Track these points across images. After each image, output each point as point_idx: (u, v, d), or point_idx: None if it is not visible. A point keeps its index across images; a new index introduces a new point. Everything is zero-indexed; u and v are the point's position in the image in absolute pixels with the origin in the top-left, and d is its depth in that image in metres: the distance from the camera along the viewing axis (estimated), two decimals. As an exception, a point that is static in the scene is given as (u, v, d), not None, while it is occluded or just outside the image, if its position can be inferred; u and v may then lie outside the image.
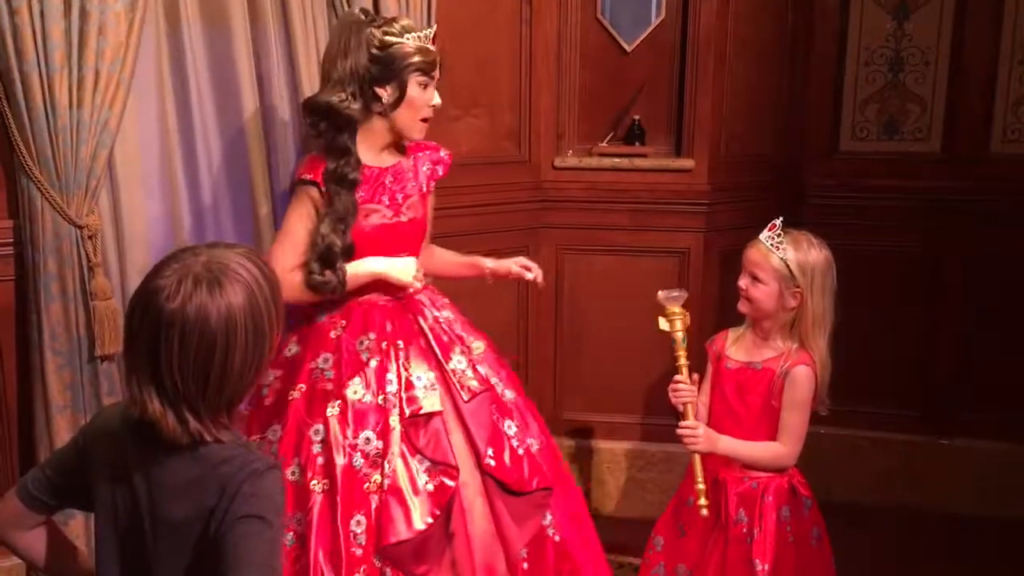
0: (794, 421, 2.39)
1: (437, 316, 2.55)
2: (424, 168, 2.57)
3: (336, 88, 2.38)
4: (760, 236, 2.40)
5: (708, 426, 2.41)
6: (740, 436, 2.41)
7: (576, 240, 3.59)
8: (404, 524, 2.29)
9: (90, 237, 2.56)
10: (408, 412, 2.37)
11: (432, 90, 2.46)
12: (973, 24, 3.55)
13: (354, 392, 2.36)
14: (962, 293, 3.66)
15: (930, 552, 3.43)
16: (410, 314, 2.51)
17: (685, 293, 2.43)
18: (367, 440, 2.33)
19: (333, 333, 2.44)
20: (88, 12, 2.44)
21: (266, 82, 2.83)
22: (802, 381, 2.37)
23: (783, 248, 2.36)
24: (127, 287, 2.65)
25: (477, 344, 2.56)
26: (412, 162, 2.56)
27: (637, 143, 3.52)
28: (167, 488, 1.50)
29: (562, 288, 3.64)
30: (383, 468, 2.32)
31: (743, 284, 2.42)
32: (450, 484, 2.34)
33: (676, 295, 2.41)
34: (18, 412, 2.65)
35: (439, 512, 2.32)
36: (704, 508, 2.28)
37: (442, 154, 2.63)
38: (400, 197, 2.50)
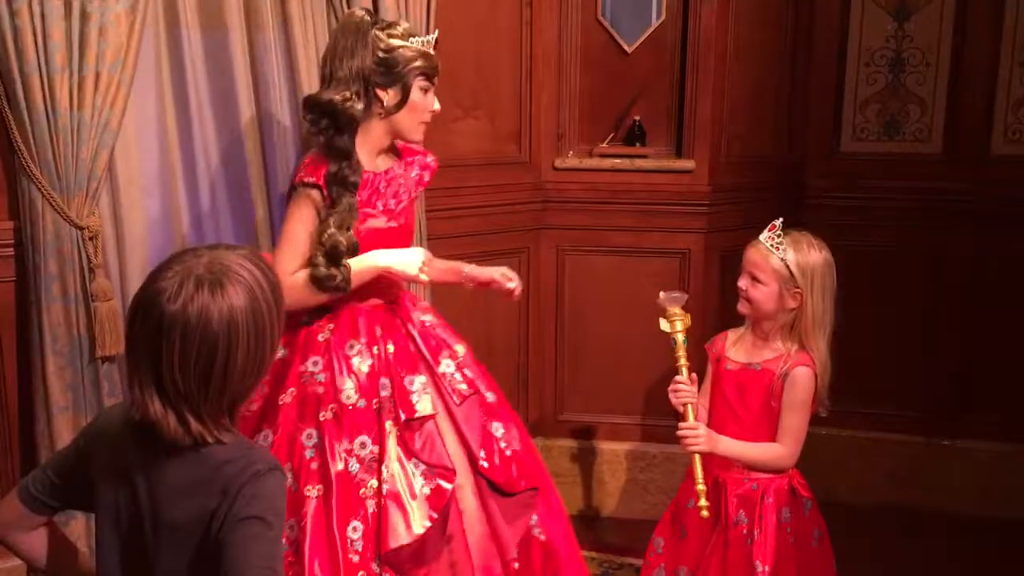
0: (794, 422, 2.39)
1: (423, 320, 2.56)
2: (413, 173, 2.56)
3: (340, 87, 2.35)
4: (760, 237, 2.40)
5: (708, 427, 2.41)
6: (740, 437, 2.41)
7: (577, 241, 3.59)
8: (404, 529, 2.29)
9: (91, 238, 2.56)
10: (404, 417, 2.37)
11: (432, 95, 2.45)
12: (974, 25, 3.55)
13: (348, 396, 2.35)
14: (963, 294, 3.66)
15: (931, 553, 3.42)
16: (398, 319, 2.50)
17: (685, 295, 2.43)
18: (362, 445, 2.33)
19: (321, 336, 2.41)
20: (89, 14, 2.44)
21: (264, 84, 2.82)
22: (802, 382, 2.37)
23: (783, 249, 2.36)
24: (127, 288, 2.66)
25: (459, 347, 2.57)
26: (403, 167, 2.54)
27: (638, 144, 3.52)
28: (168, 489, 1.50)
29: (563, 289, 3.64)
30: (380, 473, 2.31)
31: (743, 285, 2.42)
32: (447, 487, 2.35)
33: (676, 296, 2.41)
34: (19, 413, 2.65)
35: (436, 515, 2.32)
36: (704, 509, 2.28)
37: (429, 160, 2.62)
38: (393, 203, 2.49)
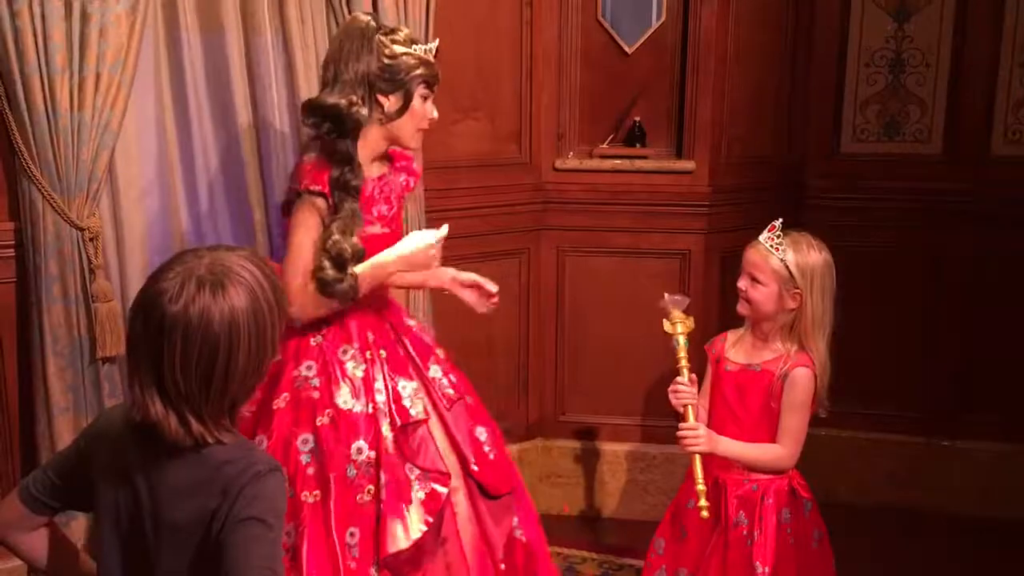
0: (793, 423, 2.39)
1: (410, 325, 2.58)
2: (400, 179, 2.55)
3: (345, 91, 2.33)
4: (759, 238, 2.40)
5: (708, 428, 2.41)
6: (739, 438, 2.41)
7: (577, 242, 3.59)
8: (402, 533, 2.30)
9: (91, 239, 2.56)
10: (400, 422, 2.38)
11: (431, 103, 2.45)
12: (974, 25, 3.54)
13: (344, 401, 2.35)
14: (963, 294, 3.66)
15: (932, 553, 3.42)
16: (387, 323, 2.51)
17: (688, 299, 2.43)
18: (359, 450, 2.33)
19: (313, 341, 2.39)
20: (89, 15, 2.45)
21: (260, 86, 2.82)
22: (801, 383, 2.37)
23: (782, 249, 2.36)
24: (127, 289, 2.66)
25: (439, 351, 2.59)
26: (393, 173, 2.53)
27: (638, 145, 3.52)
28: (169, 490, 1.50)
29: (563, 290, 3.64)
30: (378, 478, 2.32)
31: (742, 286, 2.42)
32: (441, 491, 2.36)
33: (679, 300, 2.41)
34: (19, 414, 2.65)
35: (432, 520, 2.34)
36: (704, 509, 2.27)
37: (415, 166, 2.62)
38: (386, 208, 2.48)
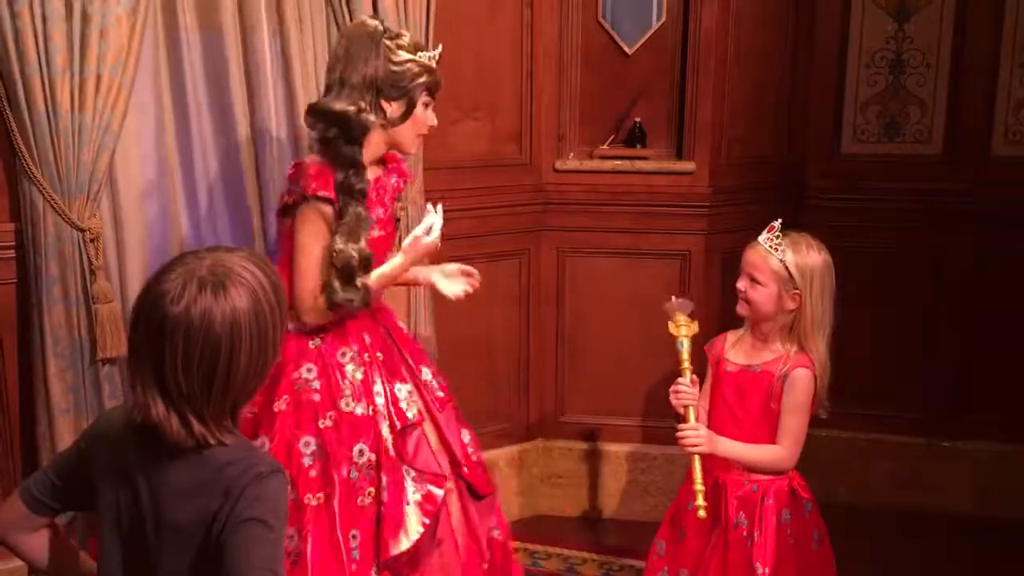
0: (793, 424, 2.39)
1: (401, 328, 2.60)
2: (392, 181, 2.56)
3: (353, 96, 2.33)
4: (759, 238, 2.40)
5: (707, 429, 2.41)
6: (739, 439, 2.40)
7: (577, 242, 3.59)
8: (403, 535, 2.33)
9: (92, 240, 2.57)
10: (399, 425, 2.40)
11: (432, 110, 2.46)
12: (974, 26, 3.55)
13: (346, 404, 2.36)
14: (963, 295, 3.66)
15: (932, 554, 3.42)
16: (381, 326, 2.52)
17: (692, 303, 2.43)
18: (360, 452, 2.34)
19: (312, 344, 2.40)
20: (90, 16, 2.45)
21: (258, 86, 2.81)
22: (801, 384, 2.37)
23: (782, 250, 2.36)
24: (126, 290, 2.66)
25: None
26: (386, 176, 2.53)
27: (638, 145, 3.52)
28: (170, 491, 1.50)
29: (563, 290, 3.64)
30: (379, 481, 2.34)
31: (742, 286, 2.42)
32: (438, 493, 2.39)
33: (683, 303, 2.42)
34: (20, 415, 2.65)
35: (428, 521, 2.37)
36: (702, 509, 2.27)
37: (405, 167, 2.63)
38: (381, 211, 2.48)
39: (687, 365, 2.38)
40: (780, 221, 2.40)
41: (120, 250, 2.67)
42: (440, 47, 2.49)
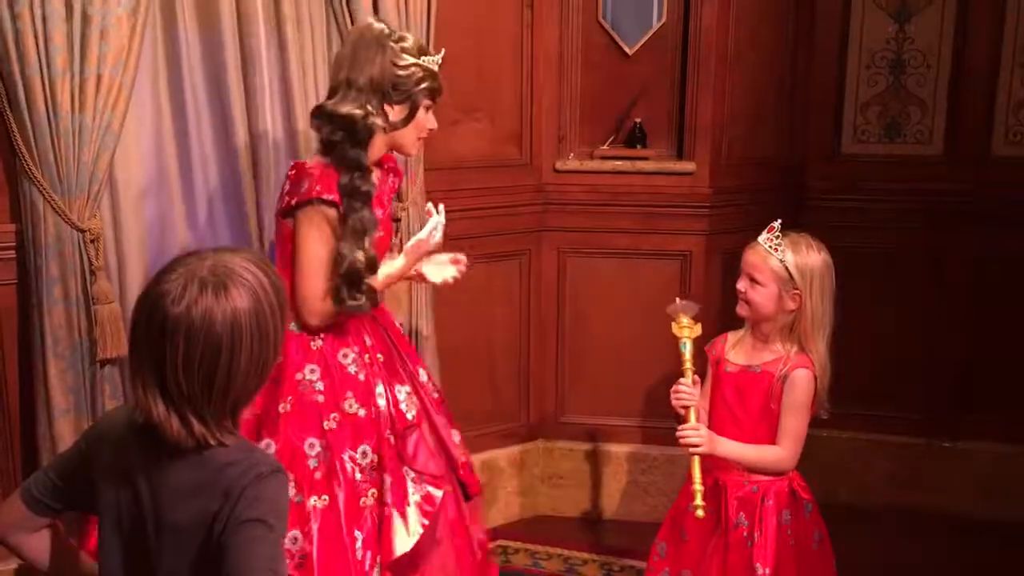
0: (793, 424, 2.39)
1: (398, 328, 2.61)
2: (389, 180, 2.56)
3: (360, 99, 2.32)
4: (758, 239, 2.40)
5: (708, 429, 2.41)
6: (739, 439, 2.40)
7: (577, 243, 3.59)
8: (405, 536, 2.34)
9: (92, 241, 2.56)
10: (400, 427, 2.41)
11: (432, 114, 2.46)
12: (974, 26, 3.55)
13: (350, 405, 2.36)
14: (964, 295, 3.66)
15: (932, 554, 3.42)
16: (380, 327, 2.52)
17: (698, 306, 2.43)
18: (364, 454, 2.35)
19: (314, 344, 2.39)
20: (90, 16, 2.45)
21: (254, 88, 2.80)
22: (801, 384, 2.37)
23: (781, 250, 2.35)
24: (125, 291, 2.66)
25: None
26: (383, 176, 2.54)
27: (639, 146, 3.52)
28: (171, 492, 1.50)
29: (563, 291, 3.64)
30: (382, 482, 2.34)
31: (741, 287, 2.42)
32: (437, 494, 2.40)
33: (687, 305, 2.42)
34: (20, 415, 2.65)
35: (428, 521, 2.38)
36: (700, 509, 2.27)
37: (399, 166, 2.62)
38: (380, 212, 2.48)
39: (689, 366, 2.38)
40: (780, 221, 2.40)
41: (119, 250, 2.66)
42: (443, 51, 2.49)
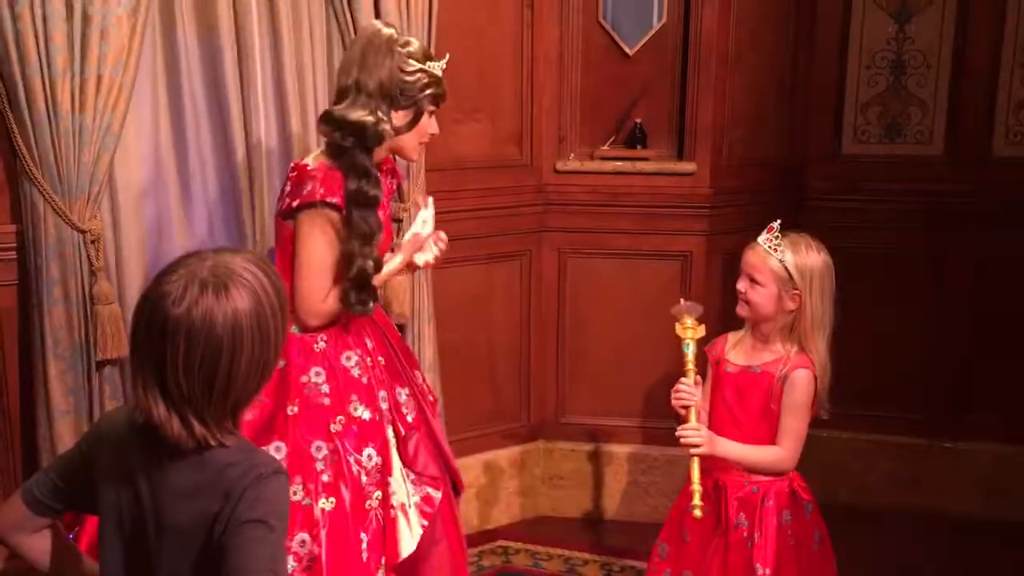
0: (793, 425, 2.38)
1: (396, 330, 2.62)
2: (387, 182, 2.55)
3: (370, 104, 2.32)
4: (758, 239, 2.40)
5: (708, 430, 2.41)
6: (740, 440, 2.40)
7: (578, 243, 3.59)
8: (408, 538, 2.36)
9: (92, 241, 2.56)
10: (403, 429, 2.43)
11: (435, 119, 2.46)
12: (975, 26, 3.55)
13: (355, 408, 2.37)
14: (965, 295, 3.66)
15: (933, 555, 3.42)
16: (379, 329, 2.53)
17: (701, 307, 2.43)
18: (369, 457, 2.35)
19: (316, 347, 2.39)
20: (90, 16, 2.45)
21: (250, 91, 2.81)
22: (801, 384, 2.37)
23: (781, 251, 2.35)
24: (124, 291, 2.66)
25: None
26: (385, 178, 2.52)
27: (639, 146, 3.52)
28: (171, 492, 1.50)
29: (564, 291, 3.63)
30: (388, 485, 2.36)
31: (741, 287, 2.42)
32: (436, 495, 2.43)
33: (693, 306, 2.42)
34: (20, 416, 2.65)
35: (427, 522, 2.40)
36: (697, 509, 2.26)
37: (397, 168, 2.62)
38: (381, 214, 2.49)
39: (691, 367, 2.38)
40: (779, 222, 2.40)
41: (118, 251, 2.66)
42: (448, 56, 2.48)
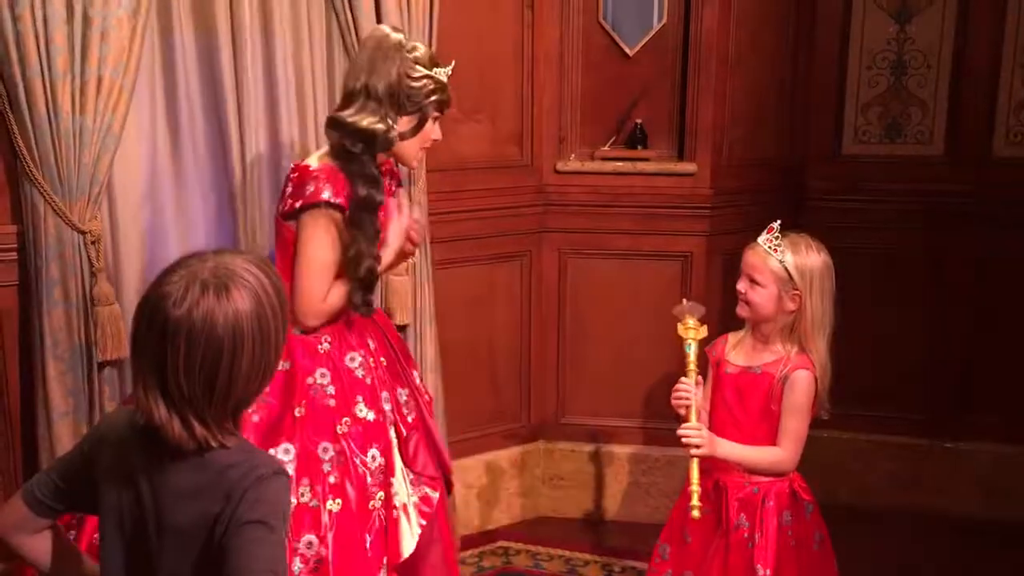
0: (793, 425, 2.38)
1: (395, 329, 2.64)
2: (385, 183, 2.55)
3: (379, 111, 2.32)
4: (758, 239, 2.40)
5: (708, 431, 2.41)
6: (740, 441, 2.40)
7: (578, 244, 3.59)
8: (409, 539, 2.37)
9: (93, 242, 2.56)
10: (404, 430, 2.44)
11: (438, 125, 2.46)
12: (975, 26, 3.55)
13: (360, 409, 2.37)
14: (965, 296, 3.66)
15: (934, 555, 3.42)
16: (379, 328, 2.53)
17: (704, 308, 2.43)
18: (373, 457, 2.36)
19: (320, 348, 2.39)
20: (91, 18, 2.45)
21: (245, 93, 2.80)
22: (801, 385, 2.37)
23: (781, 251, 2.35)
24: (123, 292, 2.65)
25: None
26: (384, 180, 2.52)
27: (639, 147, 3.52)
28: (172, 494, 1.50)
29: (564, 292, 3.63)
30: (391, 485, 2.36)
31: (741, 288, 2.42)
32: (434, 495, 2.44)
33: (695, 307, 2.42)
34: (20, 417, 2.65)
35: (426, 522, 2.41)
36: (695, 509, 2.26)
37: (396, 168, 2.62)
38: (381, 215, 2.50)
39: (692, 368, 2.38)
40: (779, 222, 2.40)
41: (117, 252, 2.66)
42: (453, 63, 2.47)
